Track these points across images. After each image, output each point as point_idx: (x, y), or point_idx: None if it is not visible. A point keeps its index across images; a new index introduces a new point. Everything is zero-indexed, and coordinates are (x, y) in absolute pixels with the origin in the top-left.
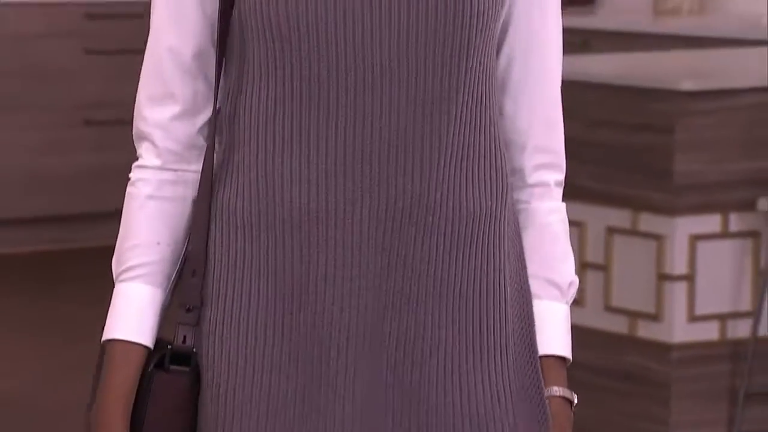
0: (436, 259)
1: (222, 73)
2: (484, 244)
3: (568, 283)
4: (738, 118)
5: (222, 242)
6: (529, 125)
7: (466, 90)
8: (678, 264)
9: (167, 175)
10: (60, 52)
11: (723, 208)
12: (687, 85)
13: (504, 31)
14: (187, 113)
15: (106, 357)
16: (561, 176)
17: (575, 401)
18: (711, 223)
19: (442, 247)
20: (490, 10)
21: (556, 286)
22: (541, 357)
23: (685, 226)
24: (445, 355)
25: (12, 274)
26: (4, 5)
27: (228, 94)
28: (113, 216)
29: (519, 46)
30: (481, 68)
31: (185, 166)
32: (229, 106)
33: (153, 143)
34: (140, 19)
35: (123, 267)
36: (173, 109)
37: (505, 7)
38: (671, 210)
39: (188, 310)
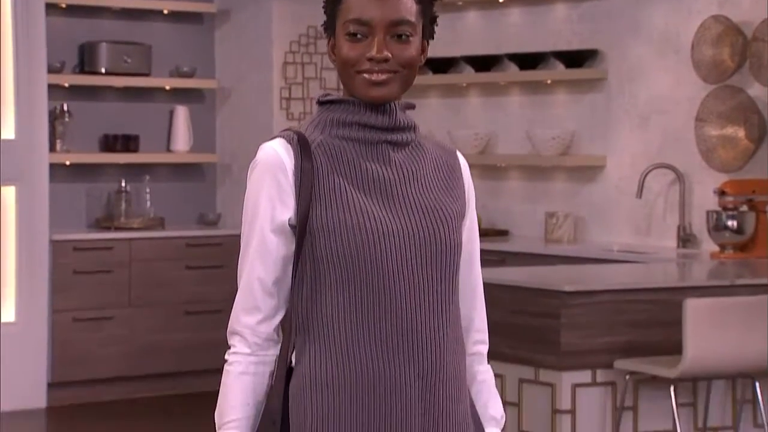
0: (448, 403)
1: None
2: (464, 392)
3: (500, 416)
4: (600, 309)
5: (302, 399)
6: (471, 315)
7: (451, 295)
8: (564, 402)
9: (253, 359)
10: (170, 269)
11: (592, 367)
12: (567, 288)
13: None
14: (267, 318)
15: None
16: (487, 347)
17: None
18: (585, 376)
19: (451, 394)
20: (460, 246)
21: (494, 418)
22: None
23: (568, 378)
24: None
25: (136, 416)
26: (138, 240)
27: (300, 303)
28: (201, 373)
29: (466, 265)
30: (455, 280)
31: (265, 352)
32: (303, 311)
33: (244, 338)
34: (219, 246)
35: (224, 420)
36: (258, 316)
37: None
38: (559, 367)
39: None
